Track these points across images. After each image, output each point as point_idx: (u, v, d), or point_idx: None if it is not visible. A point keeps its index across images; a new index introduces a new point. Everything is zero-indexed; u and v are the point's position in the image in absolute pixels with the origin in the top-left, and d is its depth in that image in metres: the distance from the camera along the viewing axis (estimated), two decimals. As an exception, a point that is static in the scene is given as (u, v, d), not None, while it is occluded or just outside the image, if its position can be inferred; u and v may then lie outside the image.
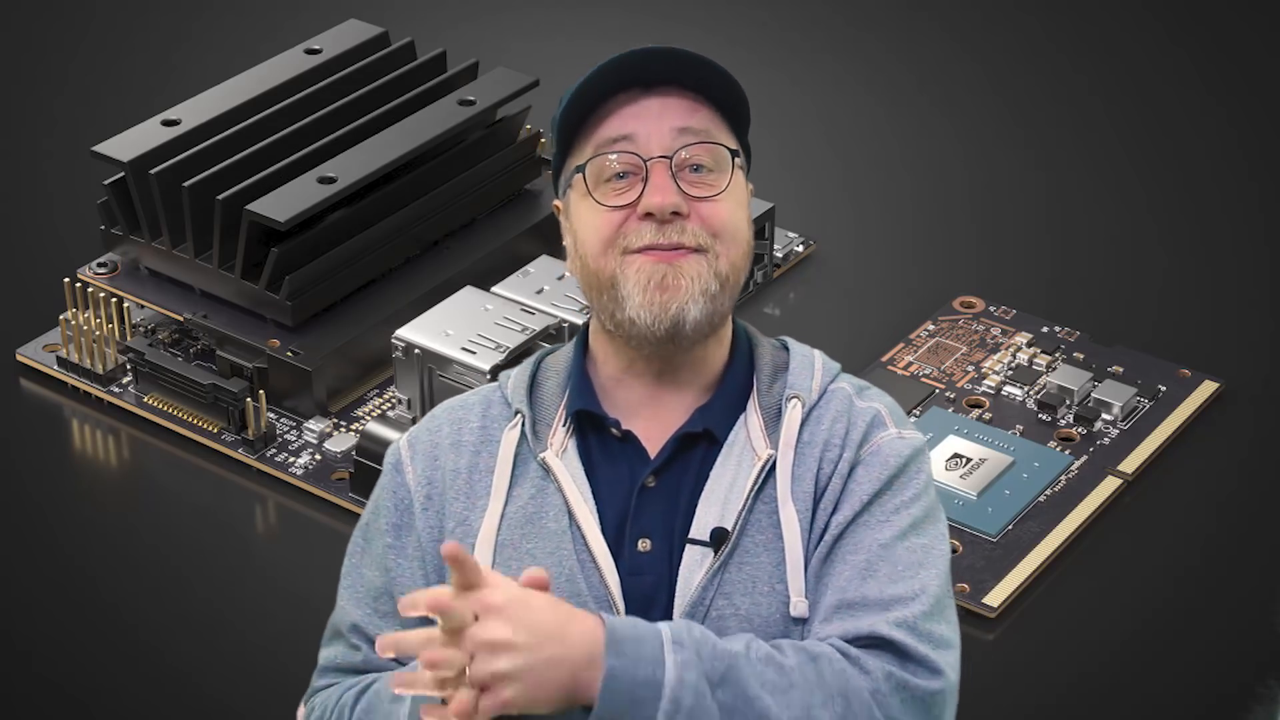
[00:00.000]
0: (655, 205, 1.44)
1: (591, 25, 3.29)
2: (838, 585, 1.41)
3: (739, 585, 1.42)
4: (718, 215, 1.46)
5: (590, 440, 1.48)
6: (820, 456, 1.45)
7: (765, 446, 1.46)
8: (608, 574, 1.42)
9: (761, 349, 1.52)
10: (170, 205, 2.50)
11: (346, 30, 2.83)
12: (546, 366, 1.53)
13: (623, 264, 1.45)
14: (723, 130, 1.49)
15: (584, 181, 1.47)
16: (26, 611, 2.23)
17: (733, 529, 1.42)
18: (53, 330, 2.59)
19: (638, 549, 1.43)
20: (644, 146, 1.45)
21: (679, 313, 1.44)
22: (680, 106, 1.47)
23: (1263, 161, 2.97)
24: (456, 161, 2.65)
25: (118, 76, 3.20)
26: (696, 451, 1.47)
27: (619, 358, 1.49)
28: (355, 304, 2.53)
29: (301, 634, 2.16)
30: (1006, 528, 2.27)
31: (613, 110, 1.47)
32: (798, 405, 1.47)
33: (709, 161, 1.46)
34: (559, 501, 1.45)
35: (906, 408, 2.44)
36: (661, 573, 1.43)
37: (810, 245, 2.79)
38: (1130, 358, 2.54)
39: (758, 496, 1.44)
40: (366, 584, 1.50)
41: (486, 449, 1.49)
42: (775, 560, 1.42)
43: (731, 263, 1.46)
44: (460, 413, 1.52)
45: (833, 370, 1.52)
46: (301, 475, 2.38)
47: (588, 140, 1.48)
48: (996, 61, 3.24)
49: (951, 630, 1.43)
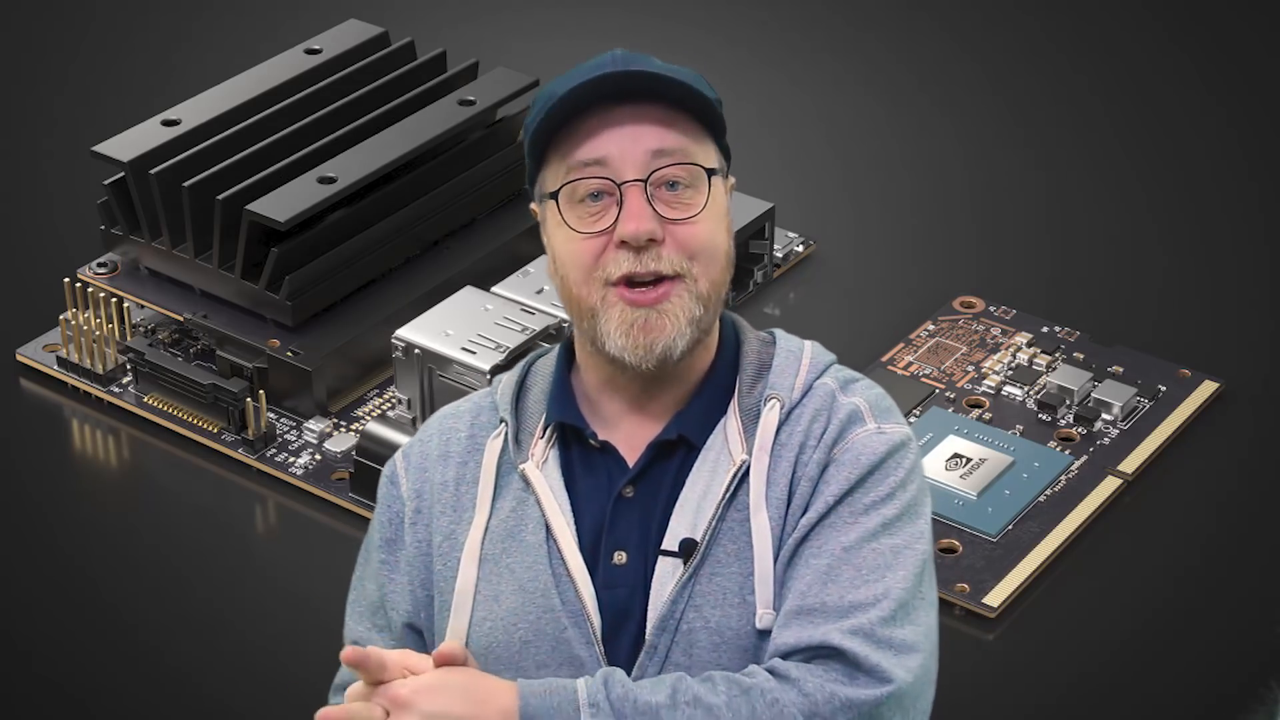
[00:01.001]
0: (630, 233, 1.40)
1: (591, 25, 3.29)
2: (798, 590, 1.38)
3: (709, 597, 1.39)
4: (695, 237, 1.42)
5: (572, 450, 1.46)
6: (796, 459, 1.42)
7: (741, 451, 1.42)
8: (583, 588, 1.40)
9: (748, 346, 1.49)
10: (170, 205, 2.50)
11: (346, 30, 2.83)
12: (535, 371, 1.51)
13: (604, 300, 1.42)
14: (700, 140, 1.44)
15: (557, 207, 1.43)
16: (26, 611, 2.23)
17: (702, 539, 1.40)
18: (53, 330, 2.59)
19: (613, 561, 1.41)
20: (617, 170, 1.41)
21: (666, 349, 1.41)
22: (655, 121, 1.42)
23: (1263, 161, 2.97)
24: (456, 161, 2.65)
25: (118, 76, 3.20)
26: (674, 459, 1.44)
27: (601, 369, 1.46)
28: (355, 304, 2.53)
29: (301, 634, 2.16)
30: (1006, 528, 2.27)
31: (585, 128, 1.43)
32: (776, 407, 1.43)
33: (685, 178, 1.42)
34: (537, 514, 1.43)
35: (906, 408, 2.44)
36: (635, 585, 1.41)
37: (810, 245, 2.79)
38: (1130, 358, 2.54)
39: (730, 504, 1.41)
40: (366, 598, 1.50)
41: (473, 459, 1.47)
42: (746, 571, 1.40)
43: (711, 280, 1.43)
44: (450, 422, 1.50)
45: (821, 364, 1.48)
46: (301, 475, 2.38)
47: (561, 159, 1.43)
48: (996, 61, 3.24)
49: (917, 633, 1.38)
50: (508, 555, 1.43)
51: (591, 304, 1.43)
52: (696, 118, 1.45)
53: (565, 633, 1.40)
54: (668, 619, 1.39)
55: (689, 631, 1.39)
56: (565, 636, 1.40)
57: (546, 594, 1.41)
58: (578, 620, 1.40)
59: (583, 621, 1.40)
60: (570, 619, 1.40)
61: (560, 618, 1.40)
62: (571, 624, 1.39)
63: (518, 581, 1.42)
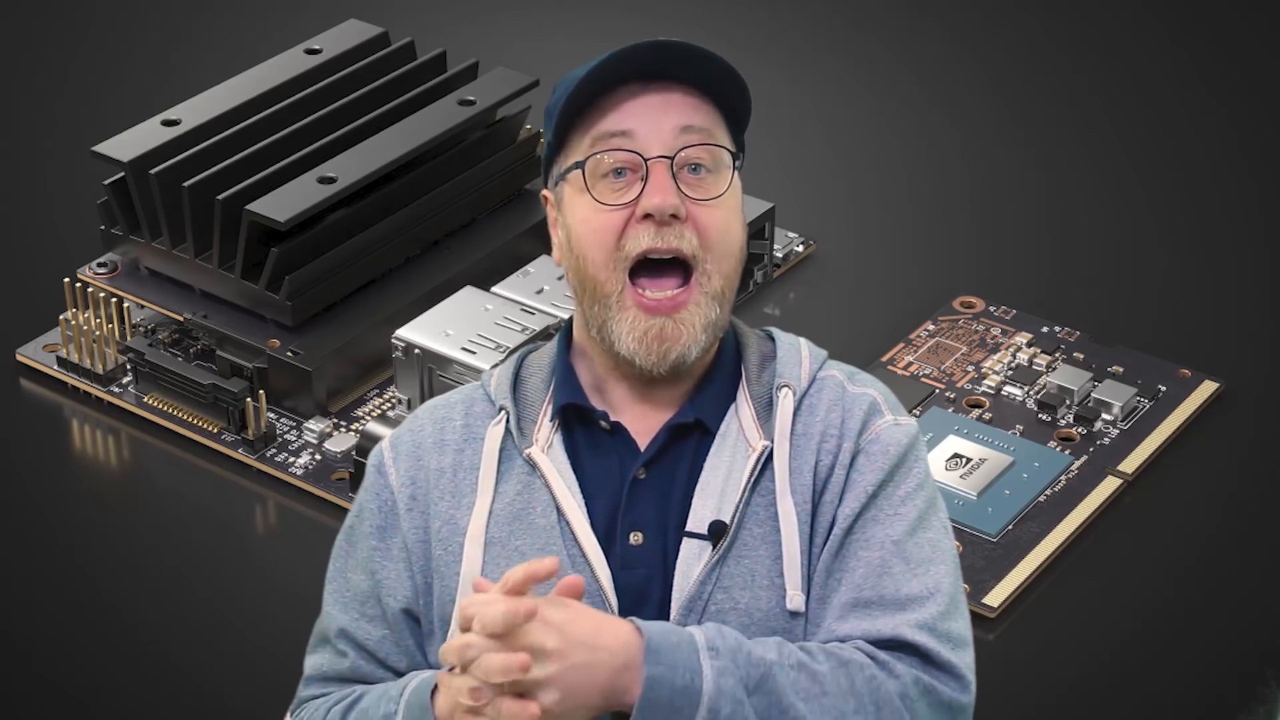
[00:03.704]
0: (655, 206, 1.42)
1: (591, 25, 3.29)
2: (852, 582, 1.41)
3: (738, 579, 1.41)
4: (714, 225, 1.44)
5: (577, 434, 1.47)
6: (818, 448, 1.44)
7: (759, 437, 1.44)
8: (598, 568, 1.41)
9: (747, 337, 1.51)
10: (170, 205, 2.50)
11: (346, 30, 2.83)
12: (530, 363, 1.52)
13: (619, 298, 1.43)
14: (722, 129, 1.47)
15: (582, 177, 1.44)
16: (26, 611, 2.23)
17: (731, 522, 1.42)
18: (53, 330, 2.59)
19: (629, 542, 1.43)
20: (644, 144, 1.43)
21: (681, 356, 1.43)
22: (683, 103, 1.45)
23: (1263, 161, 2.98)
24: (456, 161, 2.65)
25: (118, 76, 3.20)
26: (689, 443, 1.46)
27: (606, 358, 1.47)
28: (355, 304, 2.53)
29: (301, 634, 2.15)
30: (1006, 528, 2.27)
31: (613, 103, 1.44)
32: (789, 394, 1.46)
33: (709, 162, 1.44)
34: (546, 497, 1.44)
35: (906, 408, 2.43)
36: (654, 566, 1.42)
37: (810, 245, 2.79)
38: (1130, 358, 2.54)
39: (754, 489, 1.43)
40: (353, 588, 1.49)
41: (470, 447, 1.48)
42: (773, 554, 1.42)
43: (724, 276, 1.44)
44: (443, 411, 1.51)
45: (820, 357, 1.50)
46: (301, 475, 2.38)
47: (585, 133, 1.45)
48: (996, 61, 3.24)
49: (966, 627, 1.43)
50: (515, 538, 1.43)
51: (607, 293, 1.44)
52: (721, 107, 1.47)
53: None
54: (695, 600, 1.40)
55: (717, 613, 1.40)
56: None
57: (562, 575, 1.40)
58: (595, 600, 1.40)
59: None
60: (588, 599, 1.40)
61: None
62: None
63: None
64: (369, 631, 1.48)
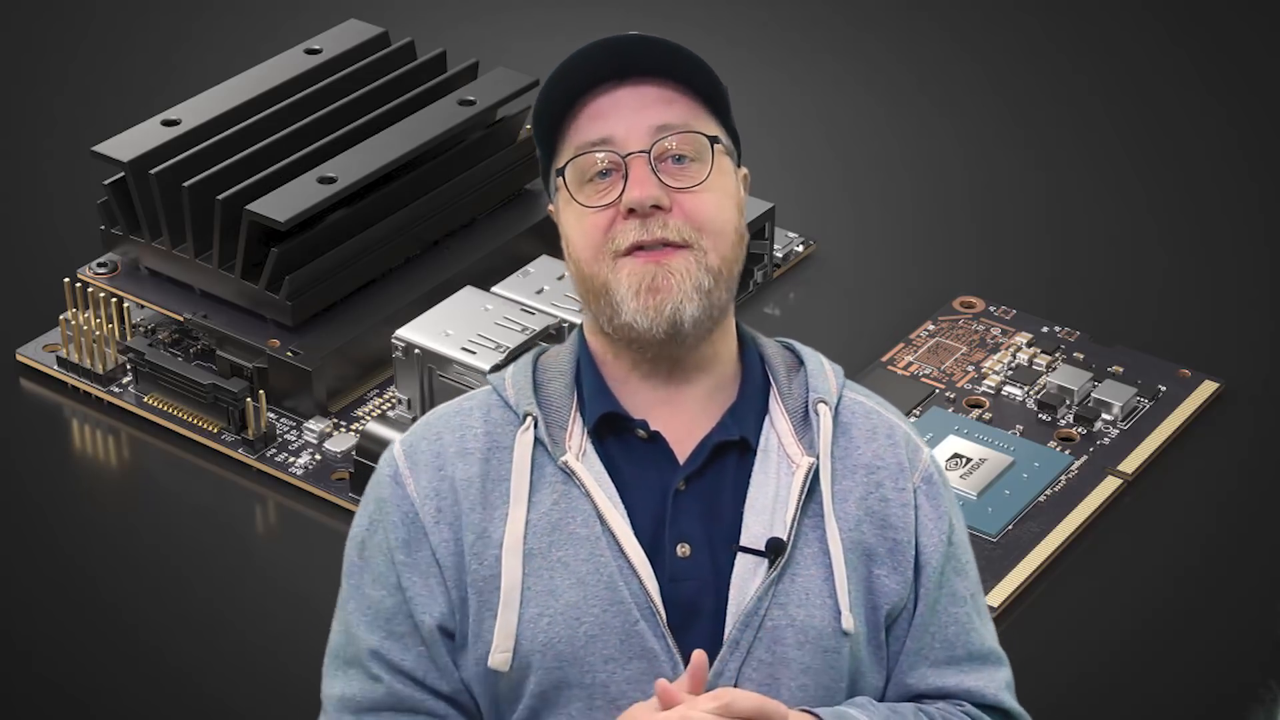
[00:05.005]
0: (635, 200, 1.42)
1: (591, 25, 3.28)
2: (945, 639, 1.47)
3: (794, 596, 1.41)
4: (702, 208, 1.43)
5: (609, 442, 1.45)
6: (866, 479, 1.46)
7: (801, 454, 1.45)
8: (646, 580, 1.40)
9: (766, 345, 1.51)
10: (170, 205, 2.50)
11: (346, 30, 2.83)
12: (545, 367, 1.49)
13: (613, 269, 1.43)
14: (703, 118, 1.46)
15: (565, 185, 1.45)
16: (26, 611, 2.23)
17: (788, 539, 1.42)
18: (53, 330, 2.59)
19: (677, 554, 1.41)
20: (622, 144, 1.43)
21: (675, 312, 1.41)
22: (657, 99, 1.45)
23: (1263, 161, 2.98)
24: (456, 161, 2.65)
25: (118, 76, 3.20)
26: (730, 457, 1.45)
27: (624, 359, 1.46)
28: (355, 304, 2.53)
29: (301, 634, 2.16)
30: (1006, 528, 2.27)
31: (588, 108, 1.45)
32: (826, 411, 1.46)
33: (690, 151, 1.44)
34: (586, 506, 1.42)
35: (906, 408, 2.44)
36: (705, 579, 1.41)
37: (810, 245, 2.79)
38: (1130, 358, 2.54)
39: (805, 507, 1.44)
40: (375, 605, 1.44)
41: (496, 455, 1.45)
42: (824, 573, 1.42)
43: (721, 255, 1.44)
44: (460, 419, 1.48)
45: (840, 372, 1.51)
46: (301, 475, 2.38)
47: (567, 141, 1.46)
48: (996, 61, 3.24)
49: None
50: (556, 549, 1.41)
51: (603, 279, 1.43)
52: (699, 96, 1.46)
53: (637, 625, 1.39)
54: (752, 616, 1.40)
55: (774, 628, 1.40)
56: (638, 629, 1.39)
57: (612, 586, 1.40)
58: (645, 612, 1.40)
59: (650, 614, 1.40)
60: (639, 612, 1.39)
61: (631, 610, 1.39)
62: (642, 616, 1.39)
63: (575, 575, 1.40)
64: (403, 652, 1.43)
